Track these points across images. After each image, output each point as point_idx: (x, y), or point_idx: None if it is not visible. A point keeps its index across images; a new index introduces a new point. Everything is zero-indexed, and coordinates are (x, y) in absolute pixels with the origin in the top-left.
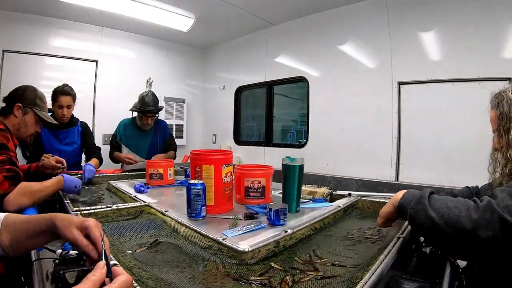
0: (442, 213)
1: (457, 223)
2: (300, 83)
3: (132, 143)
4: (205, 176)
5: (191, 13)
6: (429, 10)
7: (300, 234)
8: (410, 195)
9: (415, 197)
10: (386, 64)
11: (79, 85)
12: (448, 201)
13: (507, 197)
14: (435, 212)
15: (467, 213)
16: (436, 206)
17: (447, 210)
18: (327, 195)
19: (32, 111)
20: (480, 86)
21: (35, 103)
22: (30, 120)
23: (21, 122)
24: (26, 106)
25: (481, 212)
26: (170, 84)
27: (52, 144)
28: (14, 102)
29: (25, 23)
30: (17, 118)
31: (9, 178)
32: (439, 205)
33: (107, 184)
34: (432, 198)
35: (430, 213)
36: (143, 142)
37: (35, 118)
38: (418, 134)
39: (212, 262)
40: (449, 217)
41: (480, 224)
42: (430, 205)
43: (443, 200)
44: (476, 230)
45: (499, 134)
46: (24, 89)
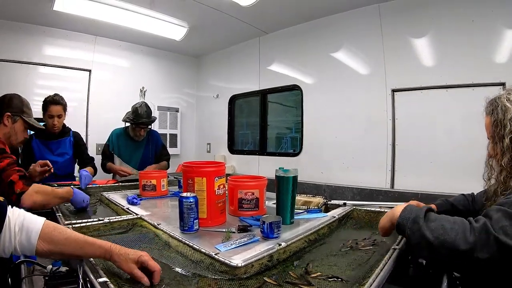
0: (437, 235)
1: (453, 245)
2: (294, 91)
3: (124, 154)
4: (197, 189)
5: (184, 22)
6: (422, 17)
7: (294, 247)
8: (407, 214)
9: (412, 216)
10: (380, 71)
11: (72, 94)
12: (444, 221)
13: (502, 218)
14: (431, 234)
15: (463, 235)
16: (432, 227)
17: (442, 231)
18: (321, 205)
19: (21, 119)
20: (474, 91)
21: (22, 110)
22: (20, 127)
23: (11, 130)
24: (15, 115)
25: (477, 234)
26: (163, 93)
27: (44, 155)
28: (2, 111)
29: (17, 32)
30: (7, 127)
31: (22, 177)
32: (435, 226)
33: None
34: (429, 218)
35: (426, 234)
36: (136, 153)
37: (24, 125)
38: (412, 141)
39: (204, 278)
40: (444, 239)
41: (476, 247)
42: (426, 225)
43: (439, 220)
44: (472, 252)
45: (493, 141)
46: (10, 98)
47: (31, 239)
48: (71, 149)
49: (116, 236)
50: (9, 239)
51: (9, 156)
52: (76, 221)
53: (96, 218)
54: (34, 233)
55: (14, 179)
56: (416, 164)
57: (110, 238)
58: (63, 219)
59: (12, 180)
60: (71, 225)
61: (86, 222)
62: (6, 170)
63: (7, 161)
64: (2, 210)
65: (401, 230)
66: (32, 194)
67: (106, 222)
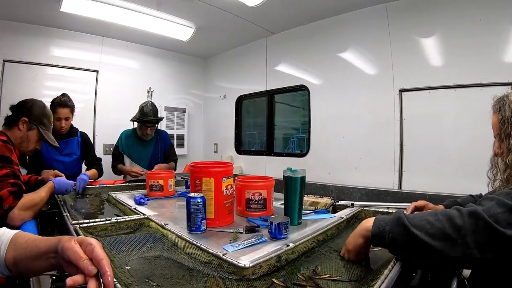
0: (425, 229)
1: (443, 234)
2: (301, 91)
3: (133, 154)
4: (205, 189)
5: (191, 22)
6: (430, 16)
7: (302, 248)
8: (383, 221)
9: (391, 220)
10: (387, 71)
11: (80, 95)
12: (426, 215)
13: (495, 205)
14: (418, 229)
15: (450, 222)
16: (416, 223)
17: (429, 225)
18: (329, 206)
19: (37, 129)
20: (482, 91)
21: (41, 121)
22: (33, 136)
23: (24, 136)
24: (32, 122)
25: (466, 218)
26: (171, 94)
27: (51, 155)
28: (21, 115)
29: (26, 33)
30: (20, 132)
31: (13, 192)
32: (419, 221)
33: (107, 195)
34: (409, 217)
35: (413, 231)
36: (145, 153)
37: (38, 136)
38: (420, 141)
39: (212, 278)
40: (433, 231)
41: (466, 231)
42: (410, 223)
43: (421, 216)
44: (464, 237)
45: (500, 139)
46: (33, 104)
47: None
48: (79, 149)
49: (123, 236)
50: None
51: (9, 166)
52: (83, 221)
53: (104, 218)
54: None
55: (3, 195)
56: (424, 164)
57: (117, 238)
58: (70, 219)
59: (1, 195)
60: (78, 225)
61: (94, 222)
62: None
63: (4, 172)
64: None
65: (380, 239)
66: (21, 213)
67: (113, 222)
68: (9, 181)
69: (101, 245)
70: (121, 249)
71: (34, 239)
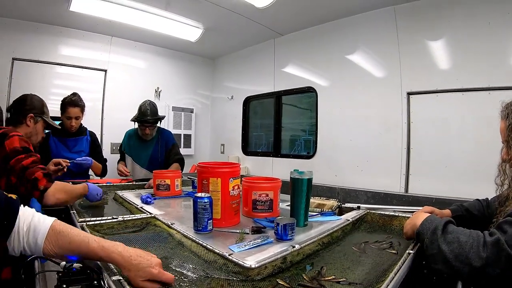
0: (453, 248)
1: (466, 260)
2: (309, 93)
3: (134, 153)
4: (212, 189)
5: (199, 23)
6: (438, 19)
7: (307, 250)
8: (428, 224)
9: (432, 227)
10: (395, 74)
11: (88, 93)
12: (460, 234)
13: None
14: (447, 246)
15: (477, 250)
16: (448, 239)
17: (457, 245)
18: (335, 208)
19: (42, 119)
20: (490, 95)
21: (43, 111)
22: (40, 128)
23: (33, 130)
24: (37, 115)
25: (489, 250)
26: (178, 94)
27: (61, 152)
28: (25, 112)
29: (35, 32)
30: (29, 127)
31: (46, 175)
32: (451, 238)
33: (114, 194)
34: (447, 230)
35: (442, 246)
36: (144, 152)
37: (44, 125)
38: (427, 145)
39: (217, 278)
40: (459, 252)
41: (488, 263)
42: (444, 238)
43: (456, 232)
44: (485, 268)
45: (508, 145)
46: (31, 99)
47: (38, 241)
48: (88, 148)
49: (129, 235)
50: (18, 239)
51: (34, 154)
52: (90, 219)
53: (110, 216)
54: (41, 234)
55: (38, 176)
56: (431, 168)
57: (123, 237)
58: (77, 217)
59: (36, 177)
60: (85, 222)
61: (100, 220)
62: (29, 168)
63: (32, 159)
64: (14, 208)
65: (421, 239)
66: (55, 192)
67: (120, 220)
68: (39, 166)
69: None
70: None
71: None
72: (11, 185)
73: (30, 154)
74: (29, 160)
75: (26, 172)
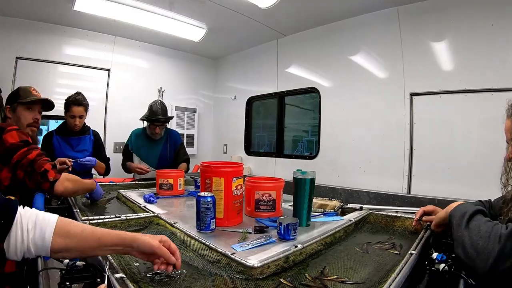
0: (472, 235)
1: (481, 249)
2: (311, 94)
3: (142, 153)
4: (215, 189)
5: (203, 23)
6: (442, 20)
7: (310, 249)
8: (461, 208)
9: (463, 211)
10: (398, 74)
11: (91, 93)
12: (483, 223)
13: None
14: (468, 232)
15: (493, 242)
16: (471, 225)
17: (477, 232)
18: (338, 208)
19: (18, 104)
20: (493, 96)
21: (18, 95)
22: (20, 112)
23: (15, 119)
24: (11, 105)
25: (503, 243)
26: (181, 94)
27: (64, 151)
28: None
29: (38, 31)
30: (11, 119)
31: (54, 166)
32: (474, 225)
33: (116, 193)
34: (474, 217)
35: (464, 231)
36: (153, 152)
37: (23, 107)
38: (430, 146)
39: (221, 277)
40: (476, 240)
41: (500, 256)
42: (468, 223)
43: (480, 221)
44: (496, 262)
45: None
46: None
47: (46, 236)
48: (91, 147)
49: None
50: (21, 238)
51: (36, 147)
52: (93, 217)
53: (113, 215)
54: (49, 228)
55: (47, 167)
56: (433, 169)
57: None
58: (80, 215)
59: (46, 169)
60: (88, 221)
61: (104, 218)
62: (37, 161)
63: (36, 152)
64: (12, 207)
65: (451, 221)
66: (63, 181)
67: (123, 219)
68: (45, 158)
69: None
70: None
71: (93, 231)
72: (17, 180)
73: (32, 147)
74: (34, 153)
75: (35, 165)
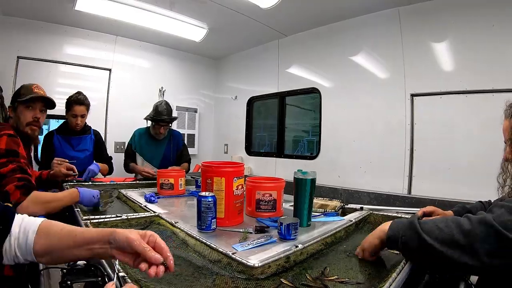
0: (435, 235)
1: (451, 240)
2: (312, 94)
3: (146, 153)
4: (216, 189)
5: (204, 23)
6: (442, 21)
7: (311, 249)
8: (398, 225)
9: (405, 224)
10: (399, 75)
11: (92, 92)
12: (437, 222)
13: (506, 213)
14: (428, 235)
15: (459, 229)
16: (426, 229)
17: (438, 231)
18: (338, 208)
19: (19, 103)
20: (494, 97)
21: (19, 94)
22: (21, 110)
23: (15, 118)
24: (13, 103)
25: (476, 225)
26: (182, 94)
27: (64, 150)
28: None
29: (40, 31)
30: (13, 119)
31: (20, 187)
32: (429, 227)
33: (117, 192)
34: (421, 222)
35: (423, 236)
36: (157, 152)
37: (24, 106)
38: (431, 146)
39: (221, 276)
40: (442, 237)
41: (474, 238)
42: (422, 229)
43: (432, 222)
44: (472, 244)
45: (511, 144)
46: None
47: (28, 237)
48: (92, 147)
49: None
50: (9, 243)
51: (16, 160)
52: (94, 216)
53: (114, 214)
54: (32, 230)
55: (9, 189)
56: (434, 170)
57: None
58: (81, 215)
59: (7, 190)
60: (89, 220)
61: (104, 218)
62: (6, 177)
63: (12, 167)
64: (9, 214)
65: (394, 242)
66: (28, 206)
67: (124, 218)
68: (16, 176)
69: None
70: None
71: (71, 230)
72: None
73: (11, 159)
74: (10, 167)
75: (2, 181)
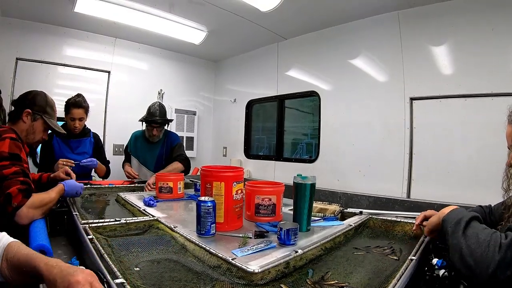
0: (469, 243)
1: (480, 258)
2: (312, 97)
3: (140, 155)
4: (215, 193)
5: (203, 26)
6: (442, 25)
7: (310, 255)
8: (455, 214)
9: (457, 218)
10: (398, 79)
11: (91, 94)
12: (480, 231)
13: None
14: (465, 240)
15: (493, 251)
16: (468, 233)
17: (475, 241)
18: (338, 213)
19: (41, 119)
20: (493, 101)
21: (45, 110)
22: (39, 127)
23: (29, 128)
24: (35, 113)
25: (503, 252)
26: (181, 96)
27: (64, 153)
28: (24, 107)
29: (39, 32)
30: (25, 124)
31: (22, 190)
32: (471, 233)
33: (116, 196)
34: (470, 225)
35: (461, 239)
36: (151, 154)
37: (44, 126)
38: (430, 150)
39: (221, 282)
40: (474, 249)
41: (500, 265)
42: (465, 230)
43: (477, 229)
44: (496, 271)
45: None
46: (35, 95)
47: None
48: (91, 150)
49: (132, 237)
50: None
51: (19, 164)
52: (93, 220)
53: (113, 218)
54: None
55: (12, 192)
56: (433, 174)
57: (126, 239)
58: (80, 219)
59: (10, 192)
60: (87, 224)
61: (103, 222)
62: (8, 179)
63: (14, 169)
64: None
65: (444, 227)
66: (29, 211)
67: (122, 223)
68: (18, 179)
69: None
70: (130, 250)
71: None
72: None
73: (15, 163)
74: (13, 169)
75: (5, 183)
